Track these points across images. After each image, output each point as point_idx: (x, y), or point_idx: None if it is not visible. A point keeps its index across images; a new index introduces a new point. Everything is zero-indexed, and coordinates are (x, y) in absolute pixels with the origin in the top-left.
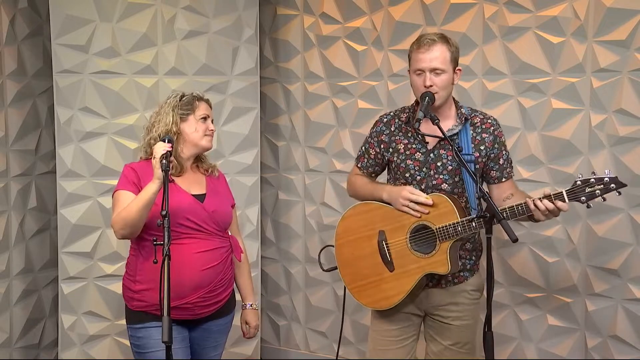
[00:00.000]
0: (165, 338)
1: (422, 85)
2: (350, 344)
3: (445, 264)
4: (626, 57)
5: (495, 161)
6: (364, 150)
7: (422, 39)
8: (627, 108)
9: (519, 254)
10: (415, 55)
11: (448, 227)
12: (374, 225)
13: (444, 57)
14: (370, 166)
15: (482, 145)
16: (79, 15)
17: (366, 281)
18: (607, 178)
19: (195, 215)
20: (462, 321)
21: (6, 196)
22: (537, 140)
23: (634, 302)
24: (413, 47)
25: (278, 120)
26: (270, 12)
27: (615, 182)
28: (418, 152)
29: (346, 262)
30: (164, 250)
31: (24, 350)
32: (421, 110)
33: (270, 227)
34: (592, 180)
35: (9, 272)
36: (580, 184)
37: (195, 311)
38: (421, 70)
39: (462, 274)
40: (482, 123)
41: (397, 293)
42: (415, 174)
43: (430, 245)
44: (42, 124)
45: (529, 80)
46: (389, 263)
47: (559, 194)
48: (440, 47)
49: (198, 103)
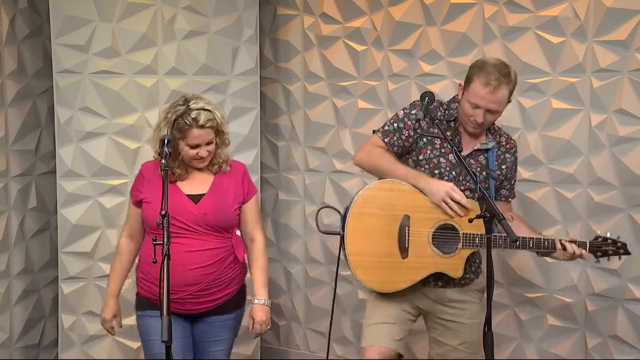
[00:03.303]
0: (164, 337)
1: (471, 117)
2: (350, 344)
3: (460, 269)
4: (626, 57)
5: (509, 181)
6: (396, 127)
7: (490, 74)
8: (627, 108)
9: (519, 254)
10: (477, 89)
11: (475, 236)
12: (402, 207)
13: (504, 99)
14: (397, 146)
15: (504, 164)
16: (79, 15)
17: (374, 259)
18: (620, 243)
19: (184, 216)
20: (470, 320)
21: (6, 196)
22: (537, 140)
23: (634, 302)
24: (477, 77)
25: (278, 120)
26: (270, 12)
27: (624, 248)
28: (452, 154)
29: (358, 231)
30: (164, 250)
31: (24, 350)
32: (421, 111)
33: (270, 227)
34: (610, 241)
35: (9, 272)
36: (600, 240)
37: (187, 307)
38: (478, 106)
39: (468, 276)
40: (507, 143)
41: (405, 280)
42: (444, 173)
43: (451, 246)
44: (42, 124)
45: (529, 80)
46: (405, 250)
47: (582, 243)
48: (504, 89)
49: (190, 132)
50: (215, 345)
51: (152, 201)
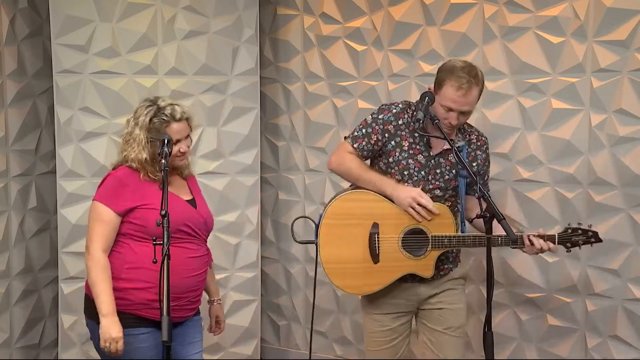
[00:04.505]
0: (164, 337)
1: (446, 119)
2: (350, 344)
3: (431, 269)
4: (626, 57)
5: (481, 177)
6: (365, 132)
7: (461, 78)
8: (627, 108)
9: (519, 254)
10: (449, 93)
11: (443, 238)
12: (370, 216)
13: (475, 100)
14: (366, 150)
15: (474, 162)
16: (79, 15)
17: (347, 265)
18: (590, 232)
19: (192, 221)
20: (453, 305)
21: (6, 196)
22: (537, 140)
23: (634, 302)
24: (448, 81)
25: (278, 120)
26: (270, 12)
27: (596, 237)
28: (421, 155)
29: (330, 241)
30: (164, 250)
31: (24, 350)
32: (421, 111)
33: (270, 227)
34: (579, 231)
35: (9, 272)
36: (570, 232)
37: (182, 314)
38: (451, 109)
39: (446, 266)
40: (477, 140)
41: (378, 283)
42: (413, 174)
43: (420, 249)
44: (42, 124)
45: (529, 80)
46: (375, 256)
47: (551, 236)
48: (475, 90)
49: (170, 127)
50: (192, 348)
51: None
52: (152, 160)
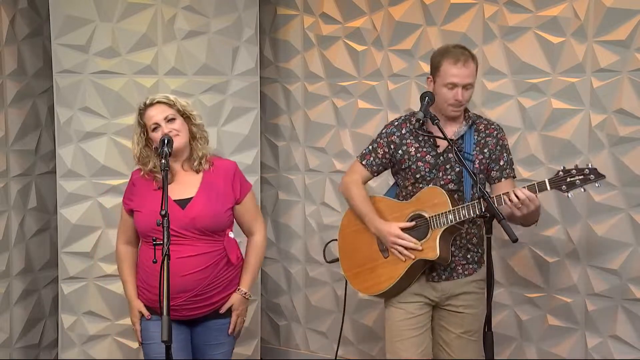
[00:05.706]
0: (164, 337)
1: (453, 99)
2: (350, 344)
3: (435, 249)
4: (626, 57)
5: (496, 162)
6: (371, 149)
7: (456, 53)
8: (627, 108)
9: (519, 254)
10: (449, 69)
11: (440, 216)
12: None
13: (474, 72)
14: (376, 165)
15: (485, 147)
16: (79, 15)
17: (362, 268)
18: (587, 169)
19: (173, 222)
20: (473, 309)
21: (6, 196)
22: (537, 140)
23: (634, 302)
24: (445, 60)
25: (278, 120)
26: (270, 12)
27: (595, 173)
28: (428, 155)
29: (346, 251)
30: (164, 250)
31: (24, 350)
32: (421, 111)
33: (270, 227)
34: (574, 171)
35: (9, 272)
36: (562, 174)
37: (184, 313)
38: (455, 84)
39: (472, 266)
40: (486, 129)
41: (388, 279)
42: (425, 175)
43: (423, 232)
44: (42, 124)
45: (529, 80)
46: (384, 250)
47: (542, 182)
48: (472, 63)
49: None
50: (216, 349)
51: (143, 210)
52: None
